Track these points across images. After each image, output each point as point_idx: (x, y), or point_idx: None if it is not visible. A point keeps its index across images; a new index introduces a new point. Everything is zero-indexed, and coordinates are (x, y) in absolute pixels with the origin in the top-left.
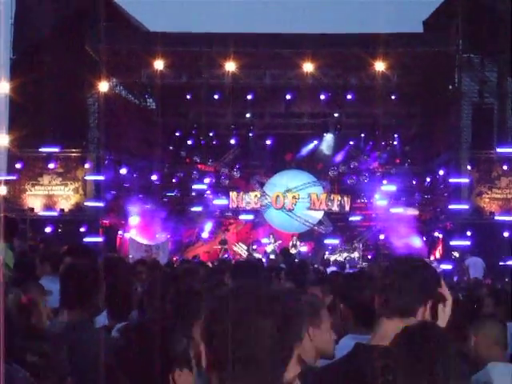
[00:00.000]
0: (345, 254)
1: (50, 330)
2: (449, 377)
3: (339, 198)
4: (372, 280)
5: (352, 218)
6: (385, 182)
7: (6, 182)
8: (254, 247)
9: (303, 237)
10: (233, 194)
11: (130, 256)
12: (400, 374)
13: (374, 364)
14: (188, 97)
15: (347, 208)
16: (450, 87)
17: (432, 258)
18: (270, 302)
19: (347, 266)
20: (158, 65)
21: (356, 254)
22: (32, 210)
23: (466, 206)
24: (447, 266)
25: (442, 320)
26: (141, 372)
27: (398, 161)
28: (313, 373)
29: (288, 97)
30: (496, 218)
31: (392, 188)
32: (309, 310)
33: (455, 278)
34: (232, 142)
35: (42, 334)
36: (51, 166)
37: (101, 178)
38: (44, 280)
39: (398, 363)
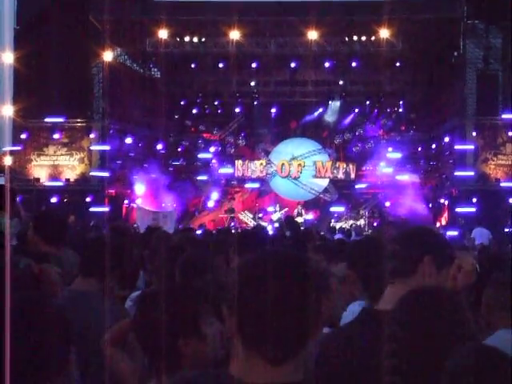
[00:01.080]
0: (350, 222)
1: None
2: (453, 339)
3: (345, 166)
4: (378, 247)
5: (357, 186)
6: (390, 149)
7: (12, 153)
8: (260, 215)
9: (309, 205)
10: (238, 163)
11: (136, 225)
12: (405, 339)
13: (380, 330)
14: (192, 66)
15: (353, 175)
16: (455, 54)
17: (438, 224)
18: (296, 266)
19: (353, 233)
20: (162, 34)
21: (362, 222)
22: (38, 180)
23: (471, 173)
24: (453, 233)
25: (456, 283)
26: (152, 341)
27: (403, 128)
28: (319, 339)
29: (293, 65)
30: (501, 184)
31: (397, 155)
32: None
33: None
34: (237, 110)
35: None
36: (56, 136)
37: (106, 147)
38: None
39: (402, 327)
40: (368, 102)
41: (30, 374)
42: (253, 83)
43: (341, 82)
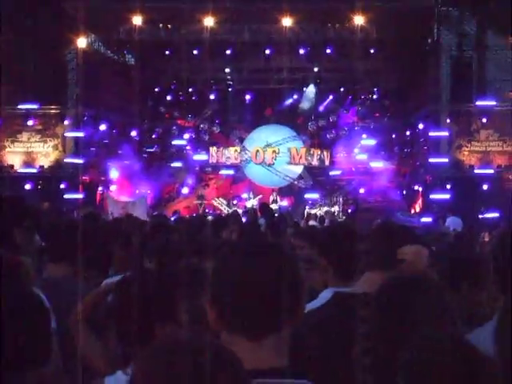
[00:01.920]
0: (325, 209)
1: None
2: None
3: (319, 153)
4: (350, 233)
5: (332, 173)
6: (364, 135)
7: None
8: (235, 202)
9: (283, 191)
10: (213, 149)
11: (110, 212)
12: (381, 322)
13: (353, 312)
14: (167, 52)
15: (327, 162)
16: (429, 41)
17: (412, 211)
18: (274, 253)
19: (327, 220)
20: (137, 20)
21: (336, 208)
22: (12, 167)
23: (445, 160)
24: (427, 219)
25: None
26: (129, 325)
27: (377, 115)
28: None
29: (267, 52)
30: (475, 171)
31: (371, 142)
32: None
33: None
34: (211, 97)
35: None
36: (30, 122)
37: (80, 134)
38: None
39: (381, 311)
40: (342, 89)
41: (15, 365)
42: (227, 70)
43: (315, 69)
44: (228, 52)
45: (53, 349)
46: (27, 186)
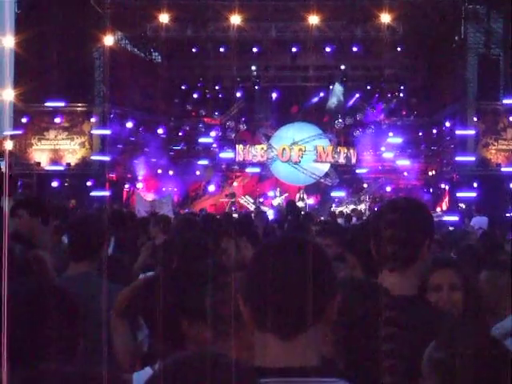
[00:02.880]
0: (351, 207)
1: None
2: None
3: (345, 151)
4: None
5: (358, 171)
6: (391, 134)
7: (13, 137)
8: (261, 200)
9: (309, 189)
10: (239, 147)
11: (137, 210)
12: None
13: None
14: (193, 50)
15: (353, 160)
16: (456, 38)
17: (439, 209)
18: (307, 251)
19: (353, 218)
20: (164, 18)
21: (362, 206)
22: (38, 164)
23: (472, 158)
24: (454, 218)
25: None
26: (158, 322)
27: (404, 113)
28: None
29: (294, 49)
30: (502, 169)
31: (398, 140)
32: None
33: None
34: (238, 95)
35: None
36: (57, 120)
37: (107, 132)
38: None
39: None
40: (369, 87)
41: (38, 359)
42: (254, 68)
43: (342, 67)
44: (254, 50)
45: (79, 344)
46: (54, 184)
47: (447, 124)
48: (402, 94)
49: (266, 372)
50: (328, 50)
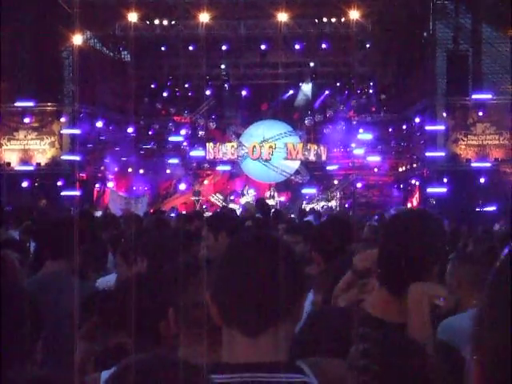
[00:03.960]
0: (322, 203)
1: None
2: None
3: (316, 148)
4: (344, 226)
5: (329, 167)
6: (361, 130)
7: None
8: (232, 198)
9: (280, 187)
10: (209, 145)
11: (108, 209)
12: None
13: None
14: (162, 48)
15: (324, 157)
16: (425, 34)
17: (409, 205)
18: (283, 250)
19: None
20: (132, 17)
21: (333, 203)
22: (8, 164)
23: (442, 154)
24: None
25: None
26: (135, 321)
27: (373, 109)
28: None
29: (263, 47)
30: (472, 164)
31: (368, 136)
32: None
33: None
34: (207, 93)
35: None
36: (27, 120)
37: (77, 131)
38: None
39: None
40: (338, 84)
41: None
42: (223, 66)
43: (311, 64)
44: (224, 48)
45: (37, 347)
46: (24, 184)
47: (417, 120)
48: (371, 91)
49: (231, 368)
50: (297, 47)
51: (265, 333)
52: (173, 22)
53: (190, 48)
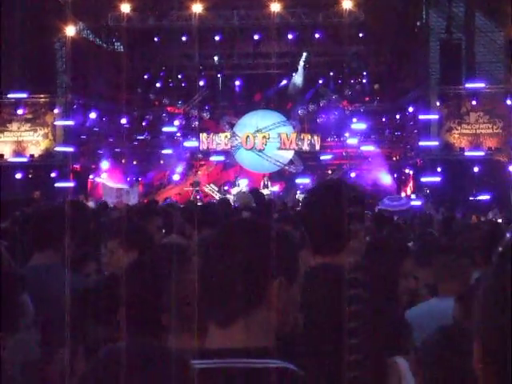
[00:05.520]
0: None
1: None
2: None
3: (309, 137)
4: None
5: (323, 157)
6: (354, 120)
7: None
8: (226, 188)
9: (274, 177)
10: (203, 136)
11: (103, 201)
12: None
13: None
14: (155, 39)
15: (317, 147)
16: (418, 23)
17: (403, 194)
18: (253, 237)
19: None
20: (125, 8)
21: None
22: (2, 156)
23: (435, 143)
24: (418, 202)
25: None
26: (136, 313)
27: (367, 98)
28: None
29: (256, 37)
30: (466, 153)
31: (362, 126)
32: None
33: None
34: (201, 83)
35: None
36: (20, 111)
37: (70, 122)
38: None
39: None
40: (332, 73)
41: None
42: (216, 56)
43: (304, 54)
44: (217, 38)
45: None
46: (18, 175)
47: (410, 109)
48: (364, 80)
49: (210, 354)
50: (290, 36)
51: (235, 322)
52: (165, 13)
53: (183, 38)
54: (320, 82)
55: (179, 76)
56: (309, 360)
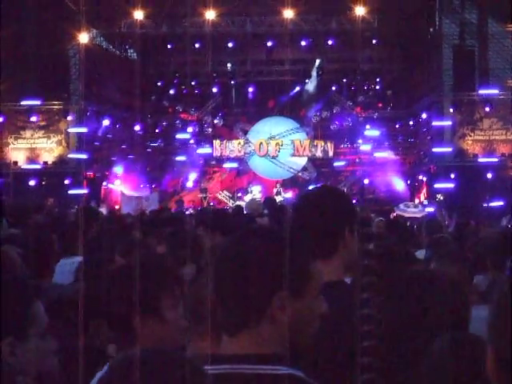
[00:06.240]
0: None
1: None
2: None
3: (322, 144)
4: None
5: (336, 164)
6: (368, 126)
7: None
8: (239, 195)
9: (287, 183)
10: (216, 143)
11: (121, 208)
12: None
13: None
14: (169, 46)
15: (331, 153)
16: (431, 30)
17: (417, 201)
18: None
19: None
20: (138, 15)
21: None
22: (15, 163)
23: (449, 149)
24: (431, 209)
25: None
26: (114, 315)
27: (380, 105)
28: None
29: (269, 44)
30: (479, 159)
31: (375, 132)
32: None
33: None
34: (214, 90)
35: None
36: (33, 118)
37: (83, 129)
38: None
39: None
40: (345, 80)
41: None
42: (229, 63)
43: (317, 60)
44: (230, 45)
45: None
46: (31, 182)
47: (424, 115)
48: (378, 87)
49: (220, 360)
50: (303, 43)
51: (242, 332)
52: (178, 20)
53: (197, 45)
54: (333, 88)
55: (192, 83)
56: (319, 369)
